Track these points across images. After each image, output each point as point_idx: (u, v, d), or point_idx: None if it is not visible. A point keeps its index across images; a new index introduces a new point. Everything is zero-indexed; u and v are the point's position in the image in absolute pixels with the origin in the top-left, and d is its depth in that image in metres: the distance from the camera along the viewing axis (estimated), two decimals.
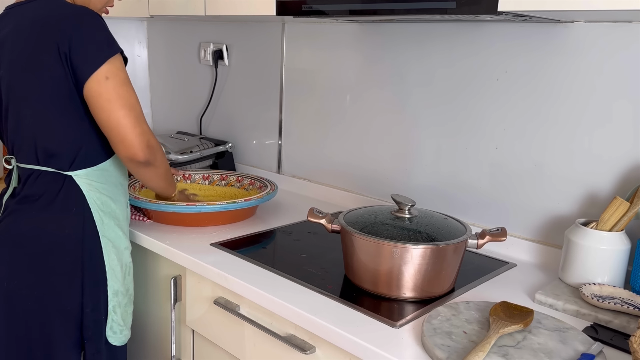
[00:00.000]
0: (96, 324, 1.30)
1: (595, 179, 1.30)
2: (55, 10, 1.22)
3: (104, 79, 1.18)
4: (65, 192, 1.25)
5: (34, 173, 1.26)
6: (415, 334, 1.02)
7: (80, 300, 1.27)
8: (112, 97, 1.19)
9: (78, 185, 1.26)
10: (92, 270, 1.28)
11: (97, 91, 1.19)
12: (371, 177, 1.74)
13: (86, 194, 1.26)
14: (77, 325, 1.28)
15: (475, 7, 1.07)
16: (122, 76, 1.21)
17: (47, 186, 1.25)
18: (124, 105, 1.20)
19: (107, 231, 1.30)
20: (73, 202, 1.26)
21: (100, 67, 1.17)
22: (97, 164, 1.28)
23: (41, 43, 1.19)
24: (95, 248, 1.28)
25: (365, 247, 1.15)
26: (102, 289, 1.30)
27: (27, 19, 1.23)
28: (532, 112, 1.37)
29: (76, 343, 1.29)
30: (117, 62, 1.21)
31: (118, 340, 1.35)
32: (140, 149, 1.22)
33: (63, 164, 1.25)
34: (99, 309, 1.30)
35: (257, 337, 1.22)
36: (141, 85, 2.52)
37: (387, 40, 1.64)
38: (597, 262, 1.18)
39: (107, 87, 1.18)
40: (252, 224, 1.58)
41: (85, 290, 1.27)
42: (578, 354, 0.92)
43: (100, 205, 1.28)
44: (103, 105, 1.19)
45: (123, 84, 1.21)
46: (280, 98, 1.97)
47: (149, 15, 1.88)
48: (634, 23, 1.20)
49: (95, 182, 1.28)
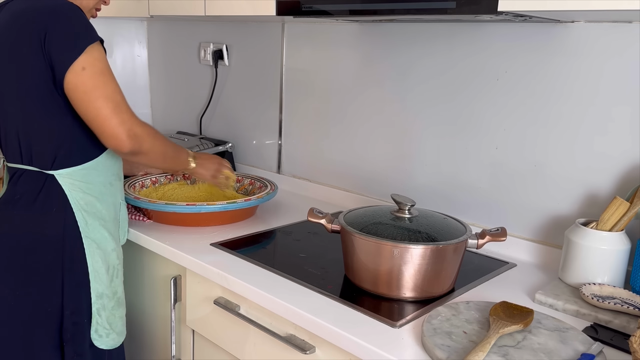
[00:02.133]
0: (76, 326, 1.27)
1: (596, 179, 1.30)
2: (33, 3, 1.20)
3: (81, 69, 1.15)
4: (46, 192, 1.23)
5: (18, 172, 1.25)
6: (415, 334, 1.02)
7: (60, 301, 1.25)
8: (89, 88, 1.16)
9: (59, 184, 1.24)
10: (74, 272, 1.26)
11: (74, 83, 1.16)
12: (371, 177, 1.74)
13: (68, 193, 1.24)
14: (57, 327, 1.26)
15: (475, 7, 1.07)
16: (99, 66, 1.17)
17: (29, 185, 1.24)
18: (101, 95, 1.16)
19: (92, 232, 1.27)
20: (54, 202, 1.24)
21: (77, 58, 1.14)
22: (83, 162, 1.26)
23: (20, 36, 1.17)
24: (77, 249, 1.26)
25: (365, 247, 1.15)
26: (85, 291, 1.27)
27: (9, 15, 1.22)
28: (532, 112, 1.37)
29: (56, 345, 1.27)
30: (95, 52, 1.17)
31: (105, 344, 1.32)
32: (122, 139, 1.18)
33: (45, 163, 1.23)
34: (80, 311, 1.27)
35: (257, 337, 1.22)
36: (141, 85, 2.52)
37: (387, 40, 1.64)
38: (597, 262, 1.18)
39: (83, 78, 1.15)
40: (252, 224, 1.57)
41: (66, 291, 1.25)
42: (578, 354, 0.92)
43: (83, 205, 1.26)
44: (81, 97, 1.17)
45: (100, 73, 1.17)
46: (280, 98, 1.97)
47: (149, 15, 1.88)
48: (634, 23, 1.20)
49: (79, 182, 1.25)
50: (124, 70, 2.45)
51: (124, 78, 1.25)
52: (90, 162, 1.27)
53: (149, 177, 1.72)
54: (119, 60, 1.22)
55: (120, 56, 2.43)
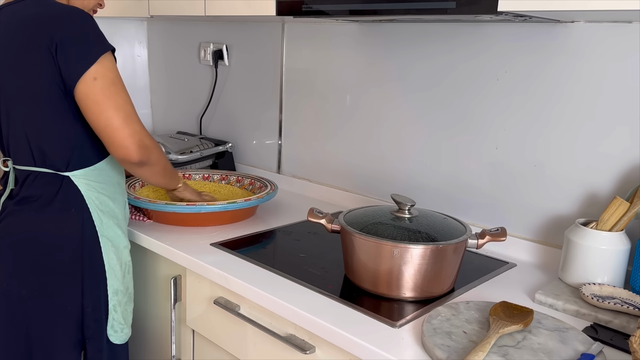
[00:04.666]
0: (97, 323, 1.30)
1: (596, 179, 1.30)
2: (45, 8, 1.21)
3: (92, 79, 1.16)
4: (64, 193, 1.25)
5: (32, 174, 1.26)
6: (415, 334, 1.02)
7: (81, 300, 1.27)
8: (100, 99, 1.17)
9: (76, 185, 1.25)
10: (92, 270, 1.28)
11: (85, 93, 1.17)
12: (371, 177, 1.74)
13: (84, 194, 1.26)
14: (77, 325, 1.28)
15: (475, 7, 1.07)
16: (110, 76, 1.19)
17: (46, 187, 1.25)
18: (112, 106, 1.18)
19: (106, 230, 1.30)
20: (71, 203, 1.25)
21: (90, 67, 1.16)
22: (94, 163, 1.28)
23: (30, 42, 1.17)
24: (95, 248, 1.28)
25: (365, 247, 1.15)
26: (102, 288, 1.30)
27: (17, 18, 1.22)
28: (532, 111, 1.37)
29: (76, 343, 1.29)
30: (107, 62, 1.19)
31: (119, 338, 1.36)
32: (132, 149, 1.20)
33: (59, 165, 1.24)
34: (99, 308, 1.30)
35: (257, 337, 1.22)
36: (141, 85, 2.52)
37: (387, 40, 1.64)
38: (597, 262, 1.18)
39: (94, 88, 1.17)
40: (252, 224, 1.58)
41: (85, 290, 1.27)
42: (578, 354, 0.92)
43: (98, 204, 1.28)
44: (91, 107, 1.18)
45: (111, 84, 1.18)
46: (280, 98, 1.97)
47: (149, 15, 1.88)
48: (634, 23, 1.20)
49: (93, 182, 1.28)
50: (124, 70, 2.42)
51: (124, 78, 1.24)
52: (101, 162, 1.29)
53: None
54: (119, 60, 1.23)
55: (120, 56, 2.42)
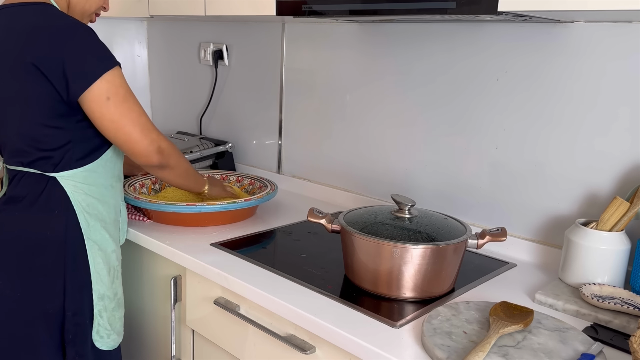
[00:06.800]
0: (79, 327, 1.28)
1: (596, 179, 1.30)
2: (49, 19, 1.20)
3: (105, 100, 1.19)
4: (48, 194, 1.24)
5: (19, 174, 1.26)
6: (415, 334, 1.02)
7: (62, 303, 1.25)
8: (116, 118, 1.21)
9: (62, 186, 1.25)
10: (76, 273, 1.26)
11: (99, 112, 1.20)
12: (371, 177, 1.74)
13: (70, 195, 1.25)
14: (59, 328, 1.27)
15: (475, 7, 1.07)
16: (122, 93, 1.21)
17: (31, 187, 1.24)
18: (128, 122, 1.22)
19: (93, 234, 1.28)
20: (56, 204, 1.24)
21: (96, 81, 1.17)
22: (85, 165, 1.27)
23: (31, 50, 1.17)
24: (79, 250, 1.27)
25: (365, 247, 1.15)
26: (87, 293, 1.28)
27: (20, 24, 1.21)
28: (532, 112, 1.37)
29: (58, 345, 1.28)
30: (116, 78, 1.20)
31: (106, 344, 1.33)
32: (152, 155, 1.27)
33: (47, 166, 1.24)
34: (82, 312, 1.28)
35: (257, 337, 1.22)
36: (141, 85, 2.52)
37: (387, 40, 1.64)
38: (597, 262, 1.18)
39: (109, 108, 1.20)
40: (252, 224, 1.58)
41: (68, 293, 1.25)
42: (578, 354, 0.92)
43: (85, 207, 1.27)
44: (108, 125, 1.22)
45: (124, 100, 1.21)
46: (280, 98, 1.97)
47: (149, 15, 1.88)
48: (634, 23, 1.20)
49: (81, 184, 1.26)
50: (124, 70, 2.40)
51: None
52: (91, 164, 1.28)
53: (149, 177, 1.72)
54: (119, 60, 1.23)
55: (120, 56, 2.42)
